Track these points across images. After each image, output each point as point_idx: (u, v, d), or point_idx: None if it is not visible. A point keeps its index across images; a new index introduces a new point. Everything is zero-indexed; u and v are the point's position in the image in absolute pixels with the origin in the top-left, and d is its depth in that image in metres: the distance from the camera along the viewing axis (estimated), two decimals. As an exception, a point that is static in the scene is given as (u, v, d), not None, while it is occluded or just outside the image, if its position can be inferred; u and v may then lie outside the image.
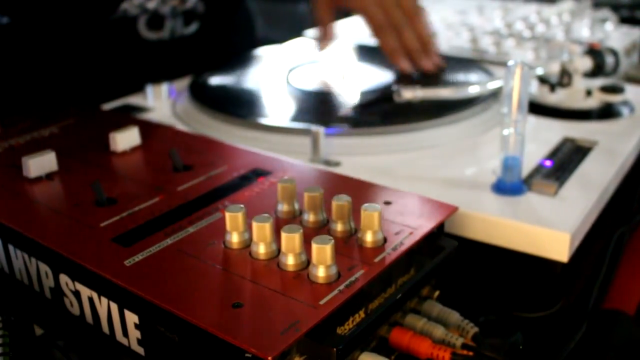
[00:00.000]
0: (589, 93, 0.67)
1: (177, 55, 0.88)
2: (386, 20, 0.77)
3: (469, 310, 0.42)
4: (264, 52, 0.87)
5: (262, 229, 0.37)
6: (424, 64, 0.76)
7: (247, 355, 0.30)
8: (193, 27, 0.89)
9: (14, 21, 0.79)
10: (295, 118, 0.64)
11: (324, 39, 0.83)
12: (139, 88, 0.74)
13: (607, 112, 0.66)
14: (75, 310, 0.40)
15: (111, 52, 0.85)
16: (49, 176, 0.49)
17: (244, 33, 1.03)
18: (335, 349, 0.32)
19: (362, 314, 0.37)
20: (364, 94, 0.70)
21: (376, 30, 0.78)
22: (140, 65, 0.86)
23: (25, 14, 0.79)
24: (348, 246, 0.38)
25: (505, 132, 0.50)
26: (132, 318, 0.36)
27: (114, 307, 0.37)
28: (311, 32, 0.99)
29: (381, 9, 0.77)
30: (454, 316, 0.40)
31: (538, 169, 0.54)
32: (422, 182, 0.52)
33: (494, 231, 0.47)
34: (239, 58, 0.85)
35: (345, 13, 1.07)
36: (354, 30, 1.00)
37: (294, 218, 0.42)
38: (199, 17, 0.89)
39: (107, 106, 0.71)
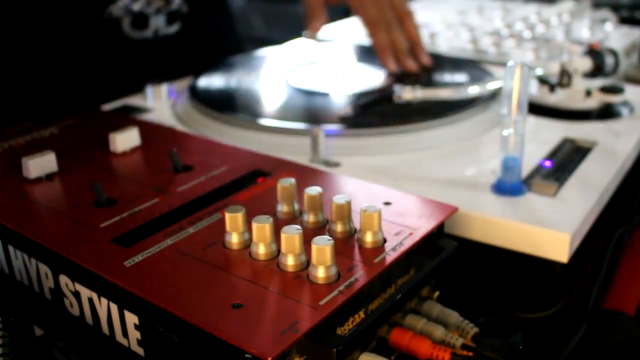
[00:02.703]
0: (588, 93, 0.67)
1: (161, 55, 0.89)
2: (380, 17, 0.80)
3: (469, 311, 0.42)
4: (263, 53, 0.87)
5: (262, 230, 0.37)
6: (408, 64, 0.78)
7: (247, 355, 0.31)
8: (176, 27, 0.89)
9: (3, 22, 0.79)
10: (295, 118, 0.64)
11: (315, 20, 0.85)
12: (126, 87, 0.74)
13: (606, 113, 0.66)
14: (75, 310, 0.40)
15: (99, 53, 0.85)
16: (49, 177, 0.49)
17: (226, 32, 1.04)
18: (335, 350, 0.32)
19: (362, 314, 0.37)
20: (363, 94, 0.70)
21: (370, 26, 0.81)
22: (126, 65, 0.86)
23: (13, 15, 0.79)
24: (348, 247, 0.38)
25: (505, 132, 0.50)
26: (132, 319, 0.36)
27: (114, 307, 0.37)
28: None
29: (376, 7, 0.80)
30: (454, 316, 0.40)
31: (538, 170, 0.54)
32: (422, 183, 0.52)
33: (493, 231, 0.47)
34: (238, 58, 0.85)
35: (345, 13, 1.07)
36: (354, 30, 1.00)
37: (294, 218, 0.42)
38: (182, 17, 0.90)
39: (107, 107, 0.71)
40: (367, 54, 0.84)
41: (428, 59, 0.80)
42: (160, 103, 0.72)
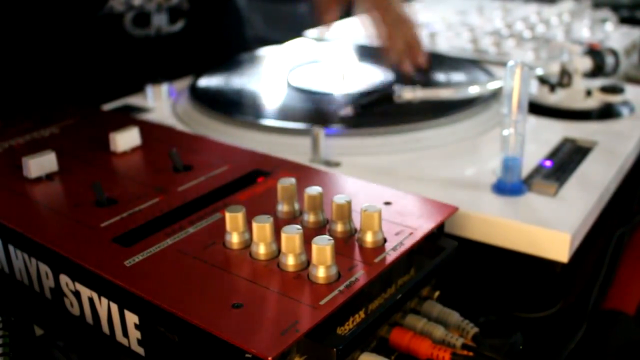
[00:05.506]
0: (589, 93, 0.67)
1: (164, 53, 0.88)
2: (391, 21, 0.79)
3: (469, 311, 0.42)
4: (264, 52, 0.87)
5: (262, 230, 0.37)
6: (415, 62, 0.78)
7: (247, 355, 0.31)
8: (179, 25, 0.89)
9: (2, 18, 0.79)
10: (295, 118, 0.64)
11: (328, 14, 0.83)
12: (128, 86, 0.74)
13: (607, 113, 0.66)
14: (76, 310, 0.40)
15: (98, 50, 0.85)
16: (49, 176, 0.49)
17: (234, 32, 1.03)
18: (335, 349, 0.32)
19: (362, 314, 0.37)
20: (364, 94, 0.70)
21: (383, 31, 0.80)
22: (127, 63, 0.86)
23: (10, 11, 0.79)
24: (348, 246, 0.38)
25: (505, 132, 0.50)
26: (132, 318, 0.36)
27: (114, 307, 0.37)
28: (311, 32, 1.00)
29: (388, 12, 0.79)
30: (454, 316, 0.40)
31: (538, 170, 0.54)
32: (422, 182, 0.52)
33: (494, 231, 0.47)
34: (238, 58, 0.85)
35: (346, 12, 1.07)
36: (354, 30, 1.00)
37: (294, 218, 0.42)
38: (185, 15, 0.89)
39: (107, 106, 0.71)
40: (368, 54, 0.84)
41: (423, 60, 0.78)
42: (161, 103, 0.72)
